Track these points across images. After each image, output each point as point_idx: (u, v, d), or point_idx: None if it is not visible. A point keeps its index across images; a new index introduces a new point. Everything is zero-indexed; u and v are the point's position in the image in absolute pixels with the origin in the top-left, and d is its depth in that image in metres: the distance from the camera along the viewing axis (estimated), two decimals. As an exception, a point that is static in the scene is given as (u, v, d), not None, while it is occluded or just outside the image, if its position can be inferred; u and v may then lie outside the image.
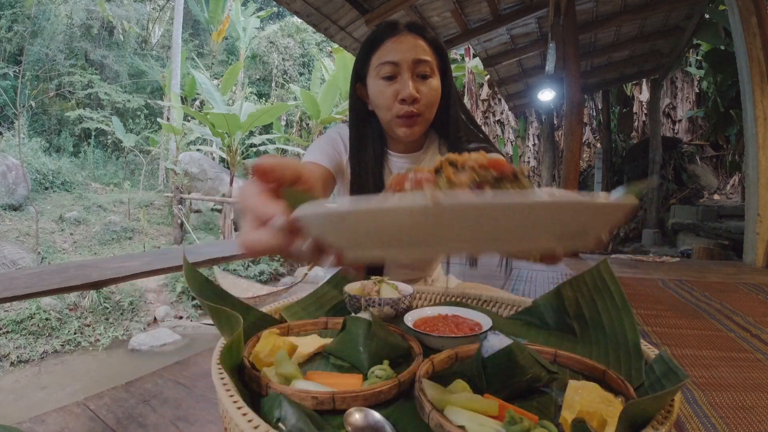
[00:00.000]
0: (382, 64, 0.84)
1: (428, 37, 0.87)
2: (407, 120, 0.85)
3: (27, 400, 4.00)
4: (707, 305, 1.49)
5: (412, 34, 0.85)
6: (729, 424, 0.70)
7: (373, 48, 0.86)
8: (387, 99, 0.85)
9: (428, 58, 0.85)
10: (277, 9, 14.44)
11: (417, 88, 0.83)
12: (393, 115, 0.85)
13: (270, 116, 7.58)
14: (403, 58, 0.83)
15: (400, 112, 0.84)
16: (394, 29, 0.85)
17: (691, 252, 4.98)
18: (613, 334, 0.62)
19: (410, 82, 0.83)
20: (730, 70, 4.71)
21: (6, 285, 1.93)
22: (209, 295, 0.59)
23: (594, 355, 0.60)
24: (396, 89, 0.84)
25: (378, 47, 0.85)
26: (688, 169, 7.87)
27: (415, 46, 0.84)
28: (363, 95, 0.92)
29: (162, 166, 10.47)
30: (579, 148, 3.28)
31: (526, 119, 8.48)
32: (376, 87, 0.86)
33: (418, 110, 0.84)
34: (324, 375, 0.51)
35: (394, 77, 0.84)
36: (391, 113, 0.86)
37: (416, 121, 0.86)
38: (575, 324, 0.68)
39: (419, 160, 0.96)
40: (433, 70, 0.86)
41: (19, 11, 9.81)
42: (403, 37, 0.84)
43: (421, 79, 0.84)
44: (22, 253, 6.08)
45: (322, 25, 3.52)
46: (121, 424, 0.71)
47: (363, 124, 0.93)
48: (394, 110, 0.85)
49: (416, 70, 0.84)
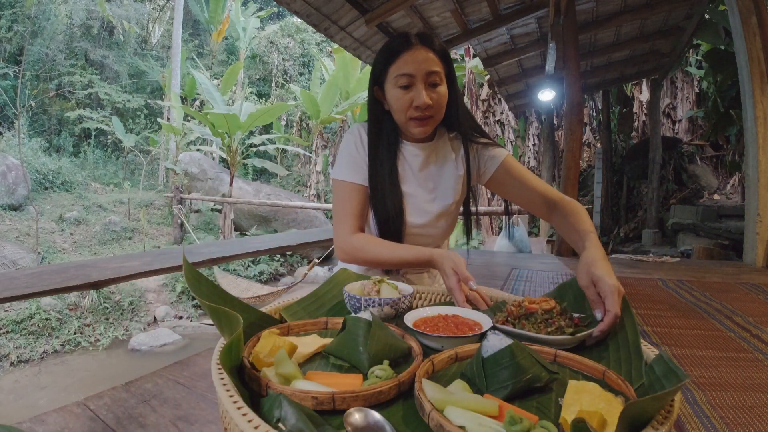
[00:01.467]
0: (399, 76, 0.98)
1: (437, 49, 1.00)
2: (421, 122, 1.00)
3: (27, 400, 4.00)
4: (707, 305, 1.49)
5: (423, 47, 0.98)
6: (729, 424, 0.70)
7: (391, 60, 1.00)
8: (404, 105, 0.99)
9: (438, 69, 0.98)
10: (277, 9, 14.44)
11: (429, 96, 0.98)
12: (408, 117, 1.00)
13: (270, 116, 7.58)
14: (417, 70, 0.97)
15: (414, 115, 0.99)
16: (409, 43, 0.99)
17: (691, 252, 4.98)
18: (613, 334, 0.62)
19: (424, 91, 0.97)
20: (730, 70, 4.71)
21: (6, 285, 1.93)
22: (209, 295, 0.59)
23: (594, 355, 0.60)
24: (411, 97, 0.98)
25: (395, 59, 0.99)
26: (688, 169, 7.87)
27: (427, 59, 0.97)
28: (380, 97, 1.06)
29: (162, 166, 10.47)
30: (579, 148, 3.28)
31: (526, 119, 8.48)
32: (394, 94, 1.00)
33: (431, 114, 1.00)
34: (324, 375, 0.51)
35: (409, 86, 0.98)
36: (406, 116, 1.00)
37: (428, 122, 1.01)
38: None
39: (431, 148, 1.10)
40: (442, 79, 1.00)
41: (19, 11, 9.81)
42: (416, 51, 0.98)
43: (431, 87, 0.99)
44: (22, 253, 6.08)
45: (322, 25, 3.52)
46: (121, 424, 0.71)
47: (380, 122, 1.07)
48: (409, 114, 1.00)
49: (428, 80, 0.98)
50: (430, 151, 1.09)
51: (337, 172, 1.08)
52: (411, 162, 1.08)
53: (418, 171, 1.08)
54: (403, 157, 1.08)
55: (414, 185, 1.08)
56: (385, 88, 1.03)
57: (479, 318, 0.67)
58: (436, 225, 1.08)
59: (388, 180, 1.04)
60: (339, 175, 1.07)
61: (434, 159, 1.10)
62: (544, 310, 0.64)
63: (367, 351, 0.53)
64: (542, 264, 2.74)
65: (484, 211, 5.84)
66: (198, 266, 2.84)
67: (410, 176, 1.08)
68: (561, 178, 3.57)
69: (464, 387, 0.46)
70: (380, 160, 1.05)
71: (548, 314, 0.64)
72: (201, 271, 0.60)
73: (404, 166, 1.08)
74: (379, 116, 1.07)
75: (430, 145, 1.09)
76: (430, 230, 1.09)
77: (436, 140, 1.11)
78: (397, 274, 1.11)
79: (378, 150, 1.06)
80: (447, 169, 1.10)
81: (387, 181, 1.04)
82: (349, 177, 1.06)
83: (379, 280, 0.78)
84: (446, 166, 1.10)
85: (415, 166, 1.08)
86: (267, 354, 0.51)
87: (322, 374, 0.51)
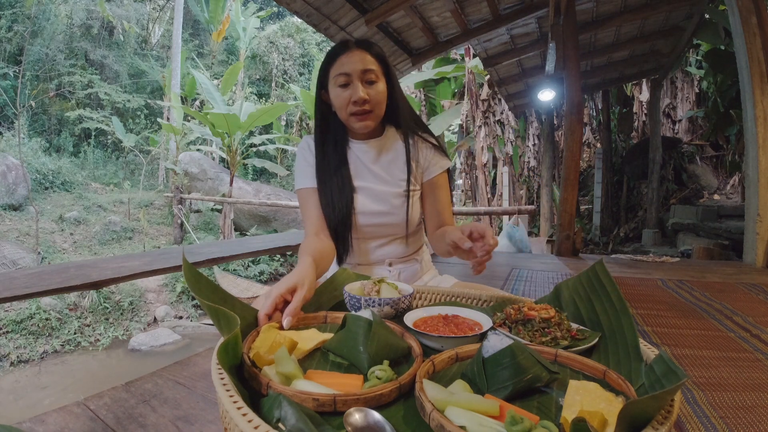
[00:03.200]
0: (337, 75, 1.05)
1: (373, 51, 1.07)
2: (360, 116, 1.07)
3: (27, 400, 4.00)
4: (707, 305, 1.49)
5: (359, 49, 1.05)
6: (729, 424, 0.70)
7: (330, 62, 1.07)
8: (343, 102, 1.06)
9: (373, 67, 1.05)
10: (277, 9, 14.43)
11: (366, 92, 1.04)
12: (348, 113, 1.07)
13: (270, 116, 7.57)
14: (353, 69, 1.04)
15: (353, 111, 1.06)
16: (346, 47, 1.06)
17: (691, 252, 4.98)
18: (612, 334, 0.62)
19: (360, 87, 1.04)
20: (730, 70, 4.70)
21: (6, 285, 1.93)
22: (209, 295, 0.59)
23: (594, 355, 0.60)
24: (349, 94, 1.05)
25: (334, 62, 1.06)
26: (688, 169, 7.87)
27: (363, 59, 1.04)
28: (326, 99, 1.13)
29: (162, 166, 10.47)
30: (579, 148, 3.28)
31: (526, 119, 8.47)
32: (334, 93, 1.07)
33: (369, 108, 1.06)
34: (324, 375, 0.51)
35: (347, 85, 1.05)
36: (347, 112, 1.07)
37: (368, 116, 1.07)
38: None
39: (380, 144, 1.16)
40: (378, 76, 1.07)
41: (19, 11, 9.80)
42: (352, 53, 1.05)
43: (368, 84, 1.05)
44: (22, 253, 6.07)
45: (322, 25, 3.52)
46: (121, 424, 0.71)
47: (326, 121, 1.15)
48: (349, 110, 1.06)
49: (364, 77, 1.05)
50: (380, 147, 1.16)
51: (296, 184, 1.16)
52: (362, 158, 1.15)
53: (372, 164, 1.14)
54: (354, 154, 1.15)
55: (369, 178, 1.14)
56: (329, 90, 1.09)
57: (479, 318, 0.67)
58: (394, 208, 1.13)
59: (336, 175, 1.11)
60: (297, 185, 1.15)
61: (385, 153, 1.16)
62: (542, 319, 0.64)
63: (367, 351, 0.53)
64: (542, 264, 2.74)
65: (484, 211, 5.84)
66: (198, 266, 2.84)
67: (364, 171, 1.14)
68: (561, 178, 3.57)
69: (465, 387, 0.46)
70: (327, 157, 1.13)
71: (545, 323, 0.64)
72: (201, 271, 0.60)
73: (356, 163, 1.14)
74: (326, 117, 1.15)
75: (378, 140, 1.16)
76: (391, 218, 1.13)
77: (384, 136, 1.17)
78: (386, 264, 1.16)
79: (325, 149, 1.14)
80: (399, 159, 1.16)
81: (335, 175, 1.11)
82: (303, 184, 1.14)
83: (379, 280, 0.78)
84: (398, 158, 1.16)
85: (367, 160, 1.14)
86: (267, 350, 0.51)
87: (323, 374, 0.51)
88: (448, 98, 8.18)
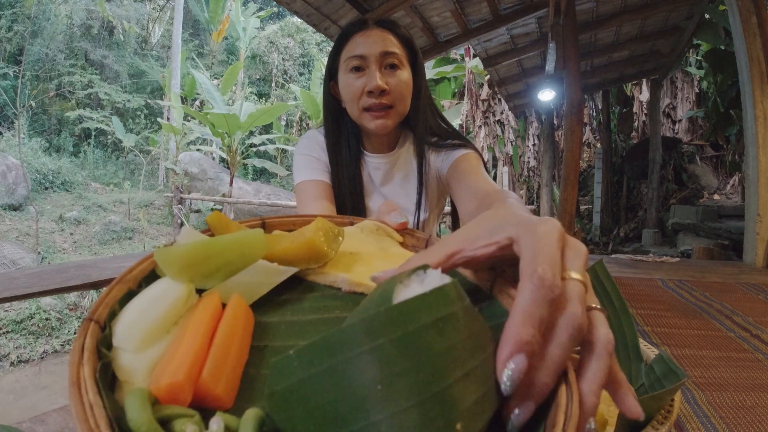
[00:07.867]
0: (350, 58, 0.82)
1: (398, 32, 0.85)
2: (377, 112, 0.82)
3: (27, 400, 4.00)
4: (707, 305, 1.49)
5: (379, 28, 0.83)
6: (729, 424, 0.70)
7: (342, 43, 0.84)
8: (355, 92, 0.81)
9: (396, 50, 0.82)
10: (277, 9, 14.44)
11: (385, 80, 0.80)
12: (361, 108, 0.82)
13: (270, 116, 7.58)
14: (370, 51, 0.80)
15: (368, 104, 0.81)
16: (363, 25, 0.84)
17: (691, 252, 4.98)
18: (612, 334, 0.62)
19: (378, 73, 0.80)
20: (730, 70, 4.71)
21: (6, 285, 1.93)
22: None
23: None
24: (364, 82, 0.80)
25: (347, 42, 0.83)
26: (688, 169, 7.87)
27: (383, 39, 0.81)
28: (336, 93, 0.89)
29: (162, 166, 10.47)
30: (579, 148, 3.28)
31: (526, 119, 8.48)
32: (345, 81, 0.83)
33: (389, 102, 0.82)
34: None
35: (361, 70, 0.81)
36: (359, 107, 0.82)
37: (388, 113, 0.82)
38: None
39: (394, 159, 0.93)
40: (402, 62, 0.83)
41: (19, 11, 9.81)
42: (370, 32, 0.82)
43: (389, 70, 0.82)
44: (22, 253, 6.08)
45: (322, 25, 3.52)
46: (121, 424, 0.71)
47: (337, 123, 0.91)
48: (362, 103, 0.82)
49: (384, 61, 0.81)
50: (393, 163, 0.93)
51: (298, 177, 0.91)
52: (373, 175, 0.94)
53: (380, 185, 0.94)
54: (365, 171, 0.94)
55: (377, 202, 0.92)
56: (339, 79, 0.86)
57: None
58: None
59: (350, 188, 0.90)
60: (300, 177, 0.90)
61: (397, 172, 0.94)
62: None
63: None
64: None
65: (484, 211, 5.84)
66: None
67: (373, 191, 0.94)
68: (561, 178, 3.57)
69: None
70: (342, 164, 0.89)
71: None
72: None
73: (367, 179, 0.94)
74: (336, 116, 0.90)
75: (393, 155, 0.93)
76: None
77: (399, 148, 0.94)
78: None
79: (339, 157, 0.90)
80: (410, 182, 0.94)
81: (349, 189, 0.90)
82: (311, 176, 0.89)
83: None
84: (409, 180, 0.94)
85: (377, 179, 0.94)
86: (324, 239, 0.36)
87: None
88: (448, 98, 8.19)
